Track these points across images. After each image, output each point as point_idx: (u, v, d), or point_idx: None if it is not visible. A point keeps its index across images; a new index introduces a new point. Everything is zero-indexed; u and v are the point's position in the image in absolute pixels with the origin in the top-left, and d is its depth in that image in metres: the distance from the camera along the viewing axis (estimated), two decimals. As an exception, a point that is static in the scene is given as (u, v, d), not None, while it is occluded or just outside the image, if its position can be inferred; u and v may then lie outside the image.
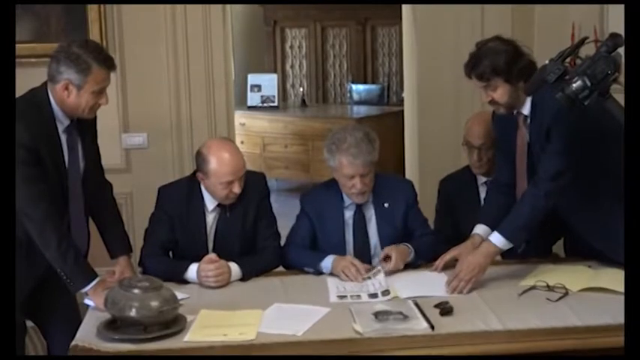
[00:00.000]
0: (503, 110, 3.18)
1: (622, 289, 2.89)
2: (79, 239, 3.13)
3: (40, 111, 3.00)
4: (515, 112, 3.21)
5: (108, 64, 3.02)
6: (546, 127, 3.09)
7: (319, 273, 3.33)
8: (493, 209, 3.41)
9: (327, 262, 3.32)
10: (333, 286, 3.18)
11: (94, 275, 3.02)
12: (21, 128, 2.89)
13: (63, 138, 3.07)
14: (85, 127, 3.17)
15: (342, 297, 3.07)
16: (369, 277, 3.22)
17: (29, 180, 2.92)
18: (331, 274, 3.30)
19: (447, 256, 3.30)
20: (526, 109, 3.17)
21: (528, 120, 3.19)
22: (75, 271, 2.98)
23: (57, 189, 3.05)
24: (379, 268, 3.27)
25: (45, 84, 3.04)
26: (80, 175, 3.15)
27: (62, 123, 3.06)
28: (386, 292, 3.08)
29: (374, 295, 3.08)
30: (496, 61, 3.06)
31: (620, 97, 2.54)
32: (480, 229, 3.37)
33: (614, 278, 3.04)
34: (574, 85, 2.54)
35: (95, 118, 3.23)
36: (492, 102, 3.15)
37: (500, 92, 3.10)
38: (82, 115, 3.07)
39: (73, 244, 3.02)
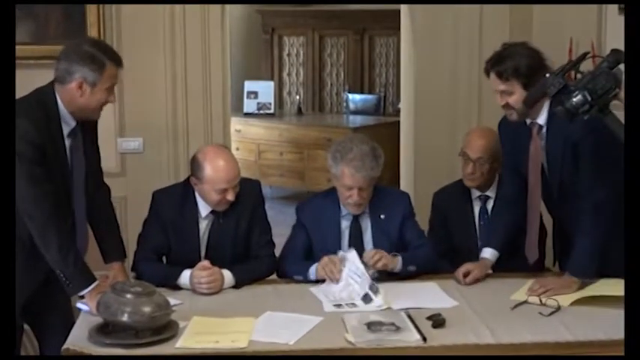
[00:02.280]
0: (516, 117, 3.16)
1: (610, 292, 2.93)
2: (80, 242, 3.13)
3: (47, 111, 2.99)
4: (529, 121, 3.20)
5: (118, 61, 3.05)
6: (572, 142, 3.08)
7: (308, 281, 3.32)
8: (499, 234, 3.45)
9: (312, 269, 3.32)
10: (322, 295, 3.17)
11: (93, 279, 3.01)
12: (29, 126, 2.89)
13: (67, 140, 3.05)
14: (87, 130, 3.16)
15: (338, 305, 3.07)
16: (344, 267, 3.21)
17: (34, 179, 2.90)
18: (317, 281, 3.29)
19: (462, 269, 3.31)
20: (542, 119, 3.17)
21: (544, 130, 3.18)
22: (75, 274, 2.96)
23: (61, 190, 3.04)
24: (346, 255, 3.26)
25: (51, 84, 3.03)
26: (83, 177, 3.14)
27: (68, 125, 3.05)
28: (374, 287, 3.08)
29: (367, 298, 3.07)
30: (520, 63, 3.07)
31: (620, 114, 2.54)
32: (487, 253, 3.42)
33: (603, 284, 3.07)
34: (574, 99, 2.55)
35: (96, 121, 3.22)
36: (507, 106, 3.15)
37: (516, 98, 3.09)
38: (90, 115, 3.07)
39: (74, 246, 3.01)
